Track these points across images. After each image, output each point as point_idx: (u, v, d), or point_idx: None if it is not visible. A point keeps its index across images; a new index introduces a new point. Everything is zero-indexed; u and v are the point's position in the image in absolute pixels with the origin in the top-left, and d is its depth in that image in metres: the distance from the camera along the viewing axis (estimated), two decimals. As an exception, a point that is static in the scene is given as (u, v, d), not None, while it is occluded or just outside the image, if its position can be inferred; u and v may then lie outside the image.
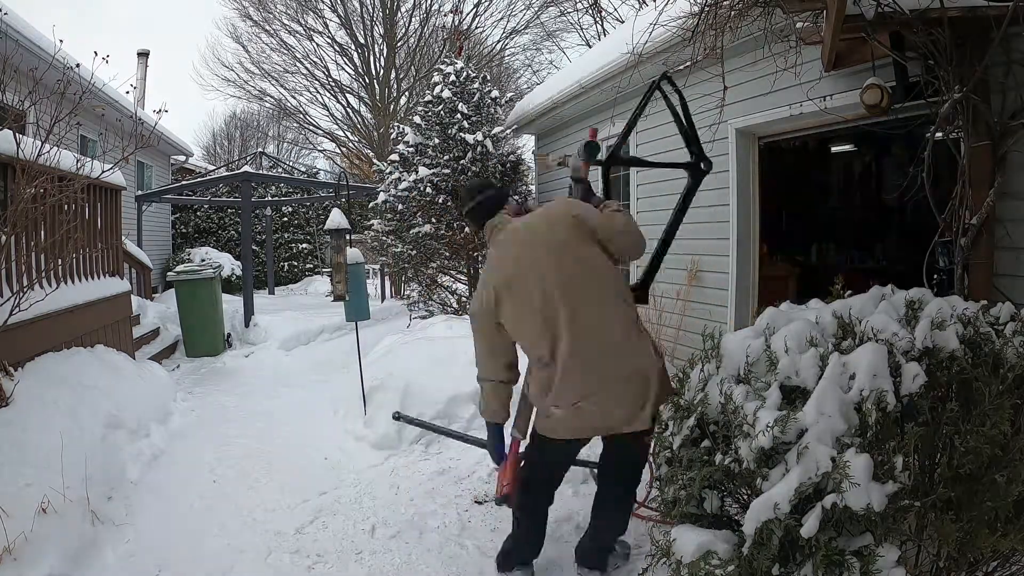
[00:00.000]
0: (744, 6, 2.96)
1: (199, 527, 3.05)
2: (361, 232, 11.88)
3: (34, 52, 5.68)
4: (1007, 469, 1.57)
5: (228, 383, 6.05)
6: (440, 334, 5.03)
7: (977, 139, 2.46)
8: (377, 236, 8.60)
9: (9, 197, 3.58)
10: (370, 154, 17.95)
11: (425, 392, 4.25)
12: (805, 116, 3.64)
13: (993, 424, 1.55)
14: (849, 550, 1.47)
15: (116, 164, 4.68)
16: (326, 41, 18.52)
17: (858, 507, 1.44)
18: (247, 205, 8.96)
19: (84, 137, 8.43)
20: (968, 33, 2.43)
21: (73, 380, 3.79)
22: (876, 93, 2.67)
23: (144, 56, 14.53)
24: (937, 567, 1.69)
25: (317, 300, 11.21)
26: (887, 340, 1.68)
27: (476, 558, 2.77)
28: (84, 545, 2.71)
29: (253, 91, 19.48)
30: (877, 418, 1.54)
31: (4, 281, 3.56)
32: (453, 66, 7.94)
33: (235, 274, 12.02)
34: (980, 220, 2.45)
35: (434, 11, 18.38)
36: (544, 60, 21.94)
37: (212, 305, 7.13)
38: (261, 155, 18.49)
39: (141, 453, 3.80)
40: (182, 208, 14.83)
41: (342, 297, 4.50)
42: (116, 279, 5.57)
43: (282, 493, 3.43)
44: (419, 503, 3.30)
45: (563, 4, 17.23)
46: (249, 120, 27.12)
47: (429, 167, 7.31)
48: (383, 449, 3.98)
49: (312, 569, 2.71)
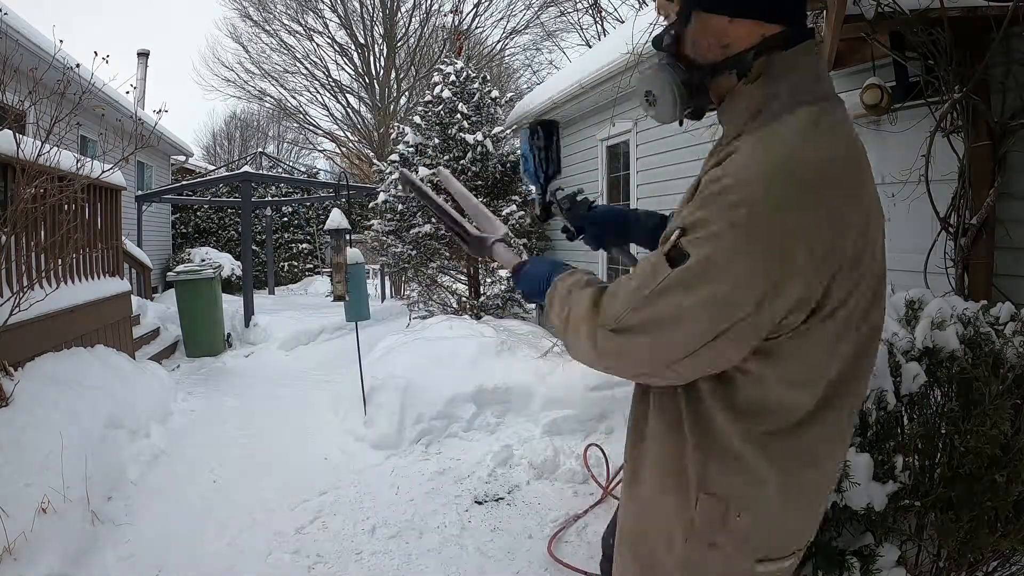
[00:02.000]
0: (744, 6, 2.96)
1: (199, 527, 3.05)
2: (361, 232, 11.88)
3: (34, 52, 5.69)
4: (1007, 469, 1.57)
5: (228, 383, 6.05)
6: (440, 334, 5.02)
7: (977, 139, 2.46)
8: (377, 236, 8.59)
9: (9, 197, 3.58)
10: (370, 154, 17.97)
11: (425, 392, 4.25)
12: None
13: (993, 424, 1.55)
14: (849, 550, 1.47)
15: (116, 164, 4.68)
16: (326, 41, 18.57)
17: (858, 507, 1.44)
18: (247, 205, 8.96)
19: (84, 137, 8.43)
20: (968, 33, 2.43)
21: (73, 380, 3.79)
22: (876, 93, 2.67)
23: (144, 56, 14.54)
24: (937, 567, 1.69)
25: (317, 300, 11.21)
26: (887, 340, 1.68)
27: (476, 558, 2.77)
28: (84, 545, 2.71)
29: (253, 91, 19.55)
30: (877, 417, 1.54)
31: (4, 281, 3.56)
32: (453, 66, 7.95)
33: (235, 274, 12.02)
34: (980, 220, 2.45)
35: (434, 11, 18.43)
36: (544, 60, 21.96)
37: (212, 305, 7.13)
38: (261, 155, 18.51)
39: (141, 453, 3.80)
40: (182, 208, 14.84)
41: (342, 297, 4.50)
42: (116, 279, 5.57)
43: (282, 493, 3.43)
44: (419, 503, 3.30)
45: (563, 4, 17.26)
46: (249, 120, 27.18)
47: (429, 167, 7.31)
48: (383, 449, 3.98)
49: (312, 569, 2.71)
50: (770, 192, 0.78)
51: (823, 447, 0.95)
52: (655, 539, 1.02)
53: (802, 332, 0.85)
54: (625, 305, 0.86)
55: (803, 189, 0.79)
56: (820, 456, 0.96)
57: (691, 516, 0.96)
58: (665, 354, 0.85)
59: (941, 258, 2.61)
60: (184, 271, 7.17)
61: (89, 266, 4.98)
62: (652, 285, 0.84)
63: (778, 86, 0.85)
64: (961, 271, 2.52)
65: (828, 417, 0.92)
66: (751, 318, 0.80)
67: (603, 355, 0.90)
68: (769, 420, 0.90)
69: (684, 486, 0.96)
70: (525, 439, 3.92)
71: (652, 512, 1.02)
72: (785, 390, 0.89)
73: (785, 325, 0.83)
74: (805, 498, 0.98)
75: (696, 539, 0.96)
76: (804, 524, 1.01)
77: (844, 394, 0.93)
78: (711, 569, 0.97)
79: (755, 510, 0.94)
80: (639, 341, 0.85)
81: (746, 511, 0.93)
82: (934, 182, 2.62)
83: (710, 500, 0.94)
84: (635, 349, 0.87)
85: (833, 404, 0.92)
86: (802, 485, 0.95)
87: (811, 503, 1.00)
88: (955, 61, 2.39)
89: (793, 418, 0.90)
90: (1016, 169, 2.51)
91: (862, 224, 0.83)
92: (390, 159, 8.52)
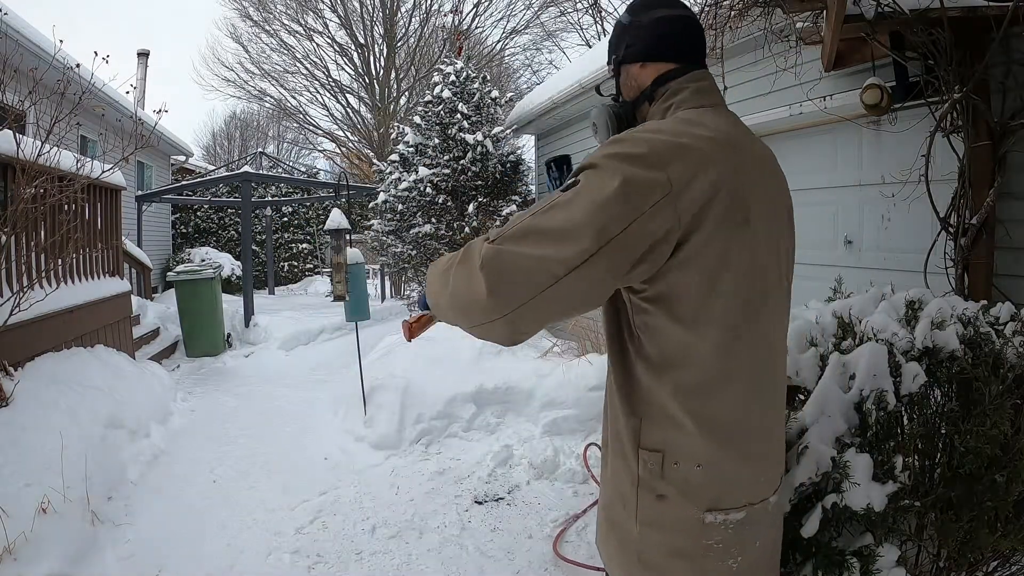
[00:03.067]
0: (744, 6, 2.96)
1: (199, 527, 3.05)
2: (361, 232, 11.89)
3: (34, 52, 5.69)
4: (1007, 469, 1.57)
5: (228, 383, 6.05)
6: (440, 334, 5.02)
7: (977, 139, 2.46)
8: (377, 236, 8.60)
9: (9, 197, 3.58)
10: (370, 154, 17.98)
11: (425, 392, 4.25)
12: (805, 116, 3.64)
13: (993, 424, 1.55)
14: (849, 550, 1.47)
15: (116, 164, 4.68)
16: (326, 41, 18.57)
17: (858, 507, 1.44)
18: (247, 205, 8.96)
19: (84, 137, 8.43)
20: (968, 33, 2.43)
21: (73, 380, 3.79)
22: (876, 93, 2.67)
23: (144, 56, 14.54)
24: (937, 567, 1.69)
25: (317, 300, 11.22)
26: (887, 340, 1.68)
27: (476, 558, 2.77)
28: (84, 545, 2.71)
29: (253, 91, 19.55)
30: (877, 418, 1.54)
31: (4, 281, 3.56)
32: (453, 66, 7.95)
33: (235, 274, 12.03)
34: (980, 220, 2.45)
35: (434, 11, 18.43)
36: (544, 60, 21.98)
37: (212, 305, 7.13)
38: (261, 155, 18.49)
39: (141, 453, 3.80)
40: (182, 208, 14.84)
41: (342, 297, 4.50)
42: (116, 279, 5.57)
43: (282, 493, 3.43)
44: (419, 503, 3.30)
45: (563, 4, 17.26)
46: (249, 120, 27.19)
47: (429, 167, 7.31)
48: (383, 449, 3.98)
49: (312, 569, 2.71)
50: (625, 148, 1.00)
51: (729, 389, 1.04)
52: (616, 501, 1.16)
53: (671, 271, 0.99)
54: (513, 222, 1.01)
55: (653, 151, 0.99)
56: (728, 398, 1.05)
57: (636, 472, 1.09)
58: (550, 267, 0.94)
59: (941, 258, 2.61)
60: (184, 271, 7.17)
61: (89, 266, 4.98)
62: (539, 207, 1.00)
63: (668, 102, 1.15)
64: (961, 271, 2.52)
65: (728, 361, 1.03)
66: (622, 234, 0.93)
67: (486, 269, 0.95)
68: (675, 367, 1.04)
69: (629, 446, 1.10)
70: (525, 439, 3.92)
71: (612, 478, 1.17)
72: (673, 328, 1.02)
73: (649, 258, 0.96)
74: (731, 442, 1.06)
75: (645, 492, 1.09)
76: (746, 473, 1.09)
77: (741, 337, 1.03)
78: (664, 521, 1.08)
79: (688, 458, 1.05)
80: (522, 251, 0.95)
81: (682, 460, 1.06)
82: (934, 182, 2.62)
83: (648, 454, 1.08)
84: (518, 260, 0.95)
85: (732, 349, 1.03)
86: (718, 429, 1.05)
87: (741, 449, 1.07)
88: (955, 61, 2.39)
89: (693, 362, 1.02)
90: (1016, 169, 2.51)
91: (706, 186, 0.97)
92: (390, 159, 8.52)
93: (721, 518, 1.06)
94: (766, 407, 1.12)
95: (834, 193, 3.72)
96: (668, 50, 1.17)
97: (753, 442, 1.09)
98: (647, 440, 1.08)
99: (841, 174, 3.65)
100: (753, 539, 1.10)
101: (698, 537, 1.07)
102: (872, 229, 3.43)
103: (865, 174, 3.47)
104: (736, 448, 1.07)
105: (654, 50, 1.18)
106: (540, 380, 4.31)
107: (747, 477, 1.09)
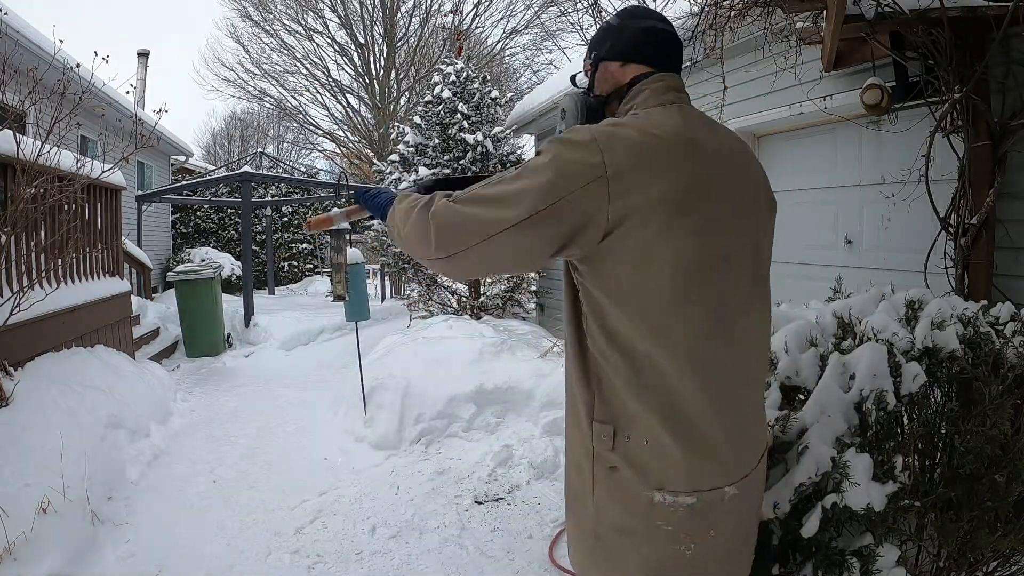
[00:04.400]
0: (744, 6, 2.96)
1: (199, 527, 3.05)
2: (361, 232, 11.88)
3: (34, 52, 5.69)
4: (1007, 469, 1.57)
5: (228, 383, 6.05)
6: (440, 334, 5.02)
7: (977, 139, 2.46)
8: (377, 236, 8.60)
9: (9, 197, 3.58)
10: (370, 154, 17.97)
11: (425, 392, 4.25)
12: (805, 116, 3.64)
13: (993, 424, 1.55)
14: (849, 550, 1.47)
15: (116, 164, 4.68)
16: (326, 41, 18.56)
17: (858, 507, 1.44)
18: (247, 205, 8.96)
19: (84, 137, 8.43)
20: (968, 33, 2.43)
21: (73, 380, 3.79)
22: (876, 93, 2.67)
23: (144, 56, 14.54)
24: (937, 567, 1.69)
25: (317, 300, 11.22)
26: (887, 340, 1.68)
27: (476, 558, 2.77)
28: (84, 545, 2.71)
29: (253, 91, 19.55)
30: (877, 418, 1.54)
31: (4, 281, 3.56)
32: (453, 66, 7.95)
33: (235, 274, 12.03)
34: (980, 220, 2.45)
35: (434, 11, 18.42)
36: (544, 60, 21.95)
37: (212, 305, 7.13)
38: (261, 155, 18.49)
39: (141, 453, 3.80)
40: (182, 208, 14.84)
41: (342, 297, 4.49)
42: (116, 279, 5.57)
43: (282, 493, 3.43)
44: (419, 503, 3.30)
45: (563, 4, 17.25)
46: (249, 120, 27.19)
47: (429, 167, 7.31)
48: (383, 449, 3.98)
49: (312, 569, 2.71)
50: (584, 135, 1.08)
51: (667, 367, 1.07)
52: (571, 468, 1.23)
53: (606, 254, 1.05)
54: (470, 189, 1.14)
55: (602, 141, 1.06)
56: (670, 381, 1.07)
57: (591, 444, 1.14)
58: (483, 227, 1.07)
59: (941, 258, 2.61)
60: (184, 271, 7.17)
61: (89, 266, 4.98)
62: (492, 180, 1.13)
63: (630, 103, 1.21)
64: (961, 271, 2.52)
65: (662, 340, 1.06)
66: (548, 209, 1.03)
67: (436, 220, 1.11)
68: (620, 346, 1.08)
69: (584, 419, 1.16)
70: (525, 439, 3.92)
71: (570, 448, 1.24)
72: (612, 309, 1.07)
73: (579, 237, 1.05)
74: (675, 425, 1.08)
75: (599, 463, 1.14)
76: (692, 458, 1.09)
77: (676, 319, 1.06)
78: (617, 493, 1.12)
79: (637, 433, 1.09)
80: (466, 211, 1.09)
81: (634, 434, 1.10)
82: (934, 182, 2.62)
83: (600, 426, 1.13)
84: (460, 217, 1.10)
85: (666, 331, 1.06)
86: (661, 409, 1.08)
87: (686, 432, 1.08)
88: (955, 61, 2.39)
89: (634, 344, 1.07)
90: (1016, 169, 2.51)
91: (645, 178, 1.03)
92: (390, 159, 8.52)
93: (670, 499, 1.09)
94: (720, 397, 1.11)
95: (834, 193, 3.71)
96: (650, 55, 1.23)
97: (701, 428, 1.09)
98: (600, 413, 1.13)
99: (841, 174, 3.65)
100: (706, 528, 1.11)
101: (646, 516, 1.10)
102: (872, 229, 3.43)
103: (865, 174, 3.47)
104: (681, 431, 1.08)
105: (637, 53, 1.24)
106: (540, 380, 4.31)
107: (694, 463, 1.09)
